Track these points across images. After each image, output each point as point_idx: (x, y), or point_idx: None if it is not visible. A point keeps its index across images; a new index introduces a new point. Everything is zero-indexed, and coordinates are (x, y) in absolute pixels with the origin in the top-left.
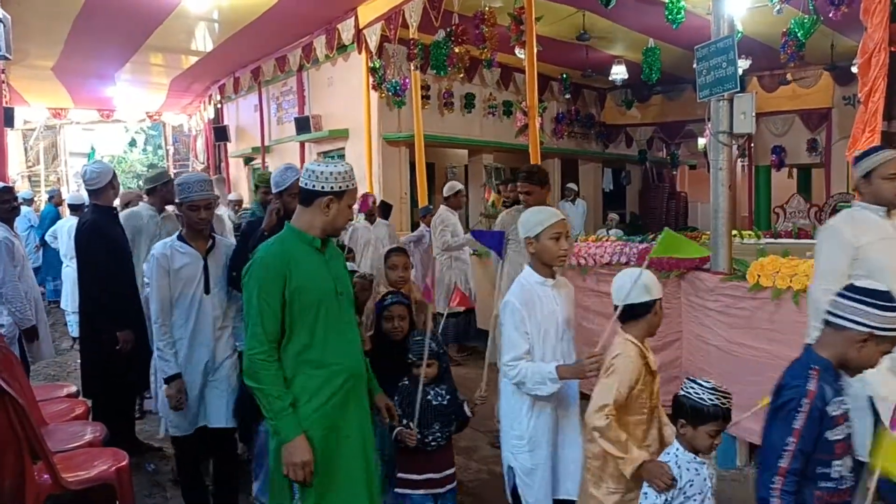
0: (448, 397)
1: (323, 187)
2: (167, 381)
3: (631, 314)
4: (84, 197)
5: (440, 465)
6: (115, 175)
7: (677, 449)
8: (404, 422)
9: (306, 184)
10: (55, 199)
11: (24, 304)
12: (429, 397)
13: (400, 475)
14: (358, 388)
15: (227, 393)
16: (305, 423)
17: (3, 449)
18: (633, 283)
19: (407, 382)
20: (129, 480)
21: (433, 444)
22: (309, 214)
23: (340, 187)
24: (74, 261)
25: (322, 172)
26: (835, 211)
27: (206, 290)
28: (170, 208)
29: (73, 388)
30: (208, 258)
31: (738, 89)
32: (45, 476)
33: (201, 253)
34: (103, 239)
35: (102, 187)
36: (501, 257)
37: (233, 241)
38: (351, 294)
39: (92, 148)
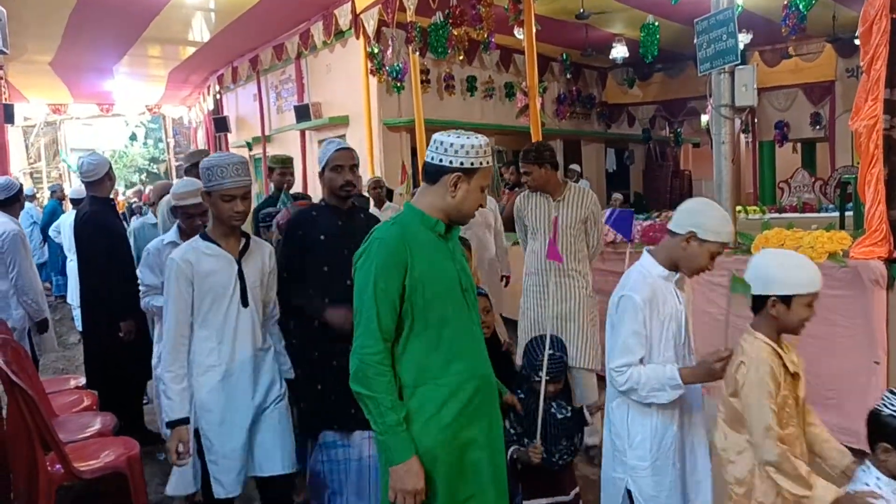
0: (570, 407)
1: (451, 161)
2: (170, 425)
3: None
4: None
5: (567, 486)
6: (111, 167)
7: (878, 478)
8: (525, 441)
9: (432, 157)
10: (57, 193)
11: (38, 295)
12: (552, 409)
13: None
14: (490, 399)
15: (281, 433)
16: (427, 441)
17: (16, 440)
18: (784, 268)
19: (522, 395)
20: (141, 469)
21: (560, 461)
22: (432, 194)
23: (472, 164)
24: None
25: (452, 144)
26: (840, 184)
27: (244, 303)
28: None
29: (82, 381)
30: (243, 262)
31: (739, 62)
32: (57, 466)
33: (234, 255)
34: (101, 229)
35: (99, 179)
36: (630, 241)
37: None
38: (475, 290)
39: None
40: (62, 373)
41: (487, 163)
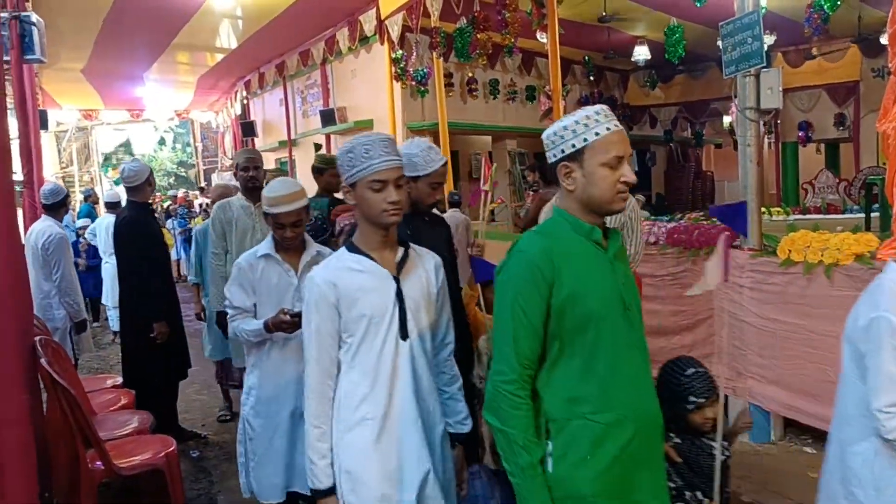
0: (726, 444)
1: (554, 155)
2: (315, 493)
3: None
4: (120, 195)
5: None
6: (151, 173)
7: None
8: (688, 494)
9: (548, 155)
10: (91, 198)
11: (78, 297)
12: (714, 451)
13: None
14: (653, 442)
15: None
16: (576, 487)
17: (58, 438)
18: None
19: (678, 441)
20: (178, 466)
21: None
22: (566, 196)
23: (573, 145)
24: (113, 257)
25: (548, 136)
26: (865, 185)
27: (404, 335)
28: None
29: (119, 380)
30: (402, 279)
31: (765, 64)
32: (98, 463)
33: (391, 270)
34: (140, 234)
35: (140, 184)
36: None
37: None
38: (640, 308)
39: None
40: (97, 372)
41: (597, 134)
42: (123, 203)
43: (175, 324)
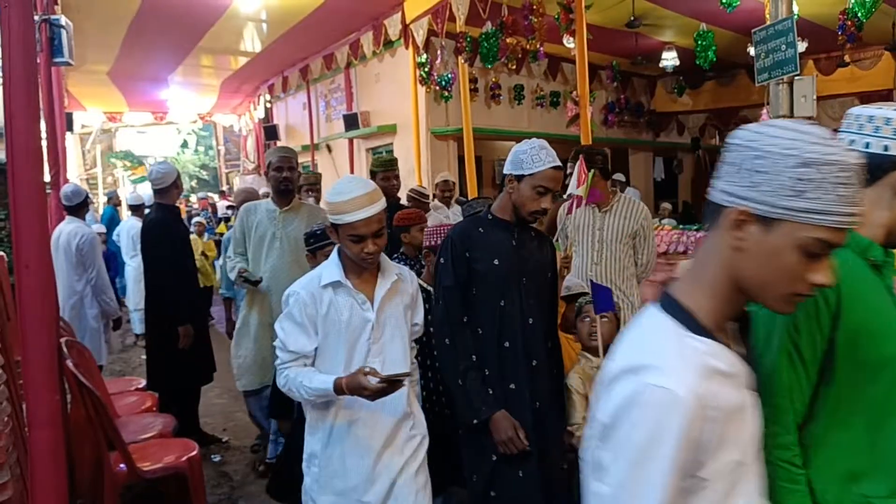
0: None
1: (886, 147)
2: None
3: None
4: (143, 197)
5: None
6: (178, 175)
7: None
8: None
9: (868, 143)
10: (113, 200)
11: (111, 295)
12: None
13: None
14: None
15: None
16: None
17: (83, 440)
18: None
19: None
20: (200, 470)
21: None
22: (870, 204)
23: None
24: (136, 259)
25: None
26: None
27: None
28: None
29: (142, 383)
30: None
31: (798, 72)
32: (121, 465)
33: None
34: (167, 236)
35: (167, 187)
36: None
37: None
38: None
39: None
40: (119, 374)
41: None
42: (147, 205)
43: (200, 328)
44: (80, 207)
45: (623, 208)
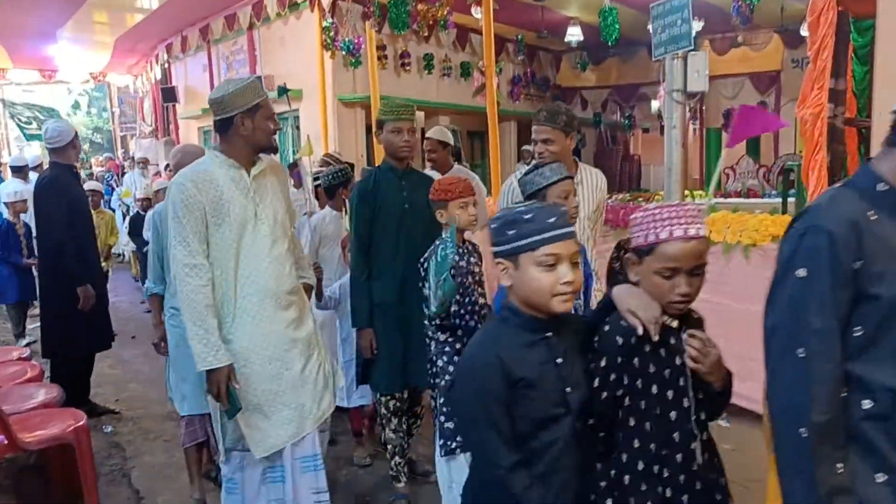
0: None
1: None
2: None
3: None
4: (26, 158)
5: None
6: (76, 135)
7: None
8: None
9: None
10: None
11: None
12: None
13: None
14: None
15: None
16: None
17: None
18: None
19: None
20: (88, 441)
21: None
22: None
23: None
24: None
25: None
26: (783, 171)
27: None
28: None
29: (26, 352)
30: None
31: (693, 48)
32: (1, 437)
33: None
34: (63, 195)
35: (63, 146)
36: None
37: None
38: None
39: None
40: (2, 344)
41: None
42: (32, 166)
43: (99, 291)
44: None
45: (589, 178)
